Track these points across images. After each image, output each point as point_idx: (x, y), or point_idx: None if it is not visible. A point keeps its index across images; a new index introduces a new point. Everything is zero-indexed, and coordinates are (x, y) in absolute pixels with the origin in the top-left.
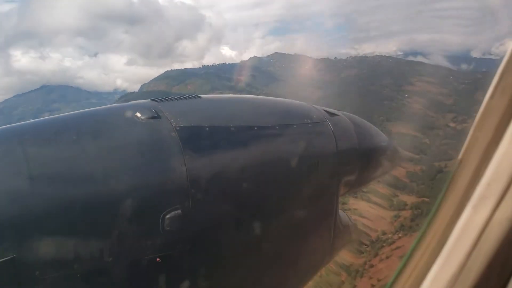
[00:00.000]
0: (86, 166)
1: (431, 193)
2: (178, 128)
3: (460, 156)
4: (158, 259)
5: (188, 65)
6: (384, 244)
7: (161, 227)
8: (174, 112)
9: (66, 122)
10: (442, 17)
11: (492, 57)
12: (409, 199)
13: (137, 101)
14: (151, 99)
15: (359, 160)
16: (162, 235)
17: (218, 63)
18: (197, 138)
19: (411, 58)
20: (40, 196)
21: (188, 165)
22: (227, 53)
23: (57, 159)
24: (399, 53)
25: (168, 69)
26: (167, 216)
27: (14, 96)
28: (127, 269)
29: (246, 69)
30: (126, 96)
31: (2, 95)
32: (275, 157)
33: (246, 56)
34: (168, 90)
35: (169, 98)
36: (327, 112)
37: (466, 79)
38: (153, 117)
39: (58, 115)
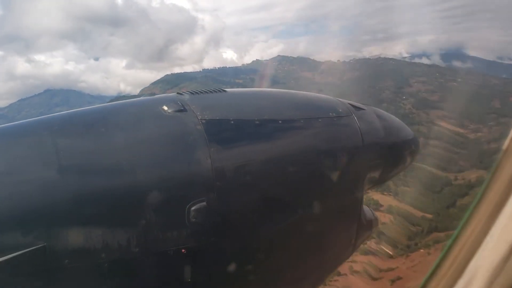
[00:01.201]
0: (114, 158)
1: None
2: (203, 121)
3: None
4: (183, 250)
5: (189, 68)
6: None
7: (187, 218)
8: (199, 105)
9: (94, 114)
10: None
11: None
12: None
13: (164, 95)
14: (178, 93)
15: (385, 155)
16: (187, 226)
17: (219, 67)
18: (222, 131)
19: (416, 60)
20: (70, 187)
21: (213, 157)
22: (229, 56)
23: (86, 150)
24: (406, 55)
25: (169, 72)
26: (193, 208)
27: (18, 101)
28: (153, 260)
29: (246, 72)
30: (119, 99)
31: (7, 100)
32: (299, 150)
33: (248, 59)
34: (162, 94)
35: (195, 91)
36: (353, 106)
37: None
38: (179, 110)
39: (87, 107)
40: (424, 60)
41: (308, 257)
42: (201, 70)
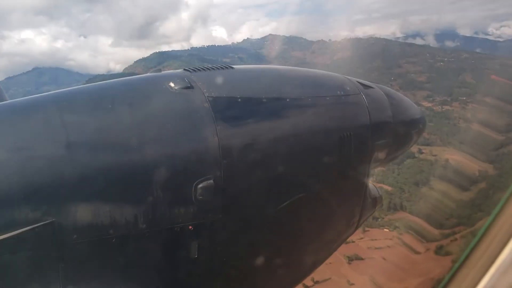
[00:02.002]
0: (121, 135)
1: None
2: (210, 98)
3: None
4: (190, 227)
5: (177, 46)
6: None
7: (194, 196)
8: (206, 82)
9: (101, 90)
10: None
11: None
12: None
13: (171, 71)
14: (184, 69)
15: (392, 133)
16: (194, 203)
17: (207, 45)
18: (229, 109)
19: (410, 40)
20: (77, 163)
21: (220, 135)
22: (219, 35)
23: (93, 126)
24: (400, 35)
25: (157, 50)
26: (200, 185)
27: (5, 79)
28: (160, 236)
29: (235, 51)
30: (95, 78)
31: None
32: (307, 128)
33: (239, 38)
34: (144, 73)
35: (202, 68)
36: (361, 84)
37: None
38: (186, 87)
39: (94, 83)
40: (418, 40)
41: (314, 234)
42: (189, 48)
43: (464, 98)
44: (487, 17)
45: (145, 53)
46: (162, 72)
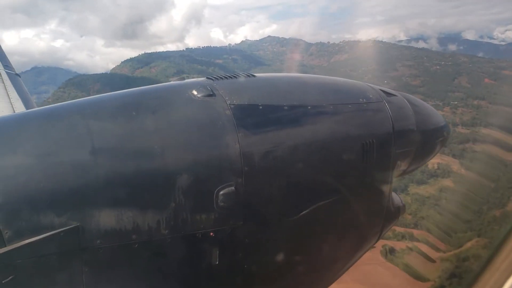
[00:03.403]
0: (145, 142)
1: None
2: (232, 106)
3: None
4: (211, 233)
5: (172, 47)
6: None
7: (215, 202)
8: (228, 90)
9: (125, 98)
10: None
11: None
12: None
13: (194, 79)
14: (207, 77)
15: (416, 142)
16: (216, 210)
17: (203, 46)
18: (250, 116)
19: (413, 43)
20: (101, 169)
21: (241, 142)
22: (217, 36)
23: (118, 133)
24: (404, 38)
25: (150, 51)
26: (221, 192)
27: None
28: (182, 242)
29: (230, 52)
30: (78, 77)
31: None
32: (329, 136)
33: (238, 39)
34: (131, 73)
35: (224, 76)
36: (384, 92)
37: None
38: (208, 95)
39: (119, 91)
40: (421, 44)
41: (336, 242)
42: (184, 49)
43: (456, 102)
44: (492, 21)
45: (140, 53)
46: (185, 80)
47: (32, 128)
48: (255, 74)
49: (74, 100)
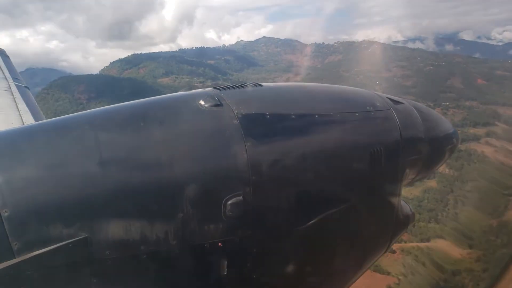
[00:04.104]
0: (153, 152)
1: None
2: (240, 115)
3: None
4: (220, 244)
5: (165, 47)
6: None
7: (223, 212)
8: (236, 100)
9: (133, 109)
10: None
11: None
12: None
13: (201, 90)
14: (214, 87)
15: (425, 149)
16: (224, 220)
17: (196, 47)
18: (258, 126)
19: (410, 44)
20: (110, 180)
21: (249, 152)
22: (211, 36)
23: (126, 144)
24: (402, 39)
25: (142, 52)
26: (229, 202)
27: None
28: (190, 253)
29: (223, 53)
30: (62, 78)
31: None
32: (336, 145)
33: (232, 40)
34: (119, 74)
35: (231, 86)
36: (391, 99)
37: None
38: (216, 105)
39: (126, 102)
40: (418, 44)
41: (345, 252)
42: (177, 49)
43: (447, 103)
44: (491, 21)
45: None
46: (193, 90)
47: (41, 140)
48: (262, 84)
49: (83, 112)
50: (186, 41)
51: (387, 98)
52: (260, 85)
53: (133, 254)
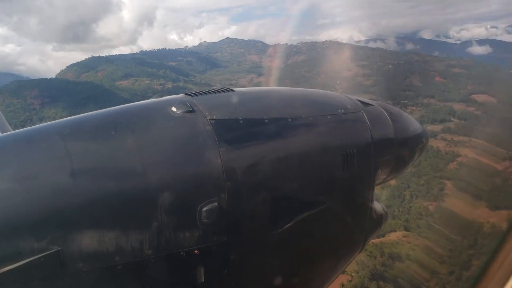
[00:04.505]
0: (125, 161)
1: None
2: (212, 121)
3: None
4: (196, 251)
5: (126, 49)
6: None
7: (198, 219)
8: (208, 105)
9: (104, 117)
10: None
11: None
12: None
13: (173, 96)
14: (186, 94)
15: (395, 150)
16: (199, 227)
17: (158, 48)
18: (231, 131)
19: (371, 43)
20: (81, 190)
21: (223, 157)
22: (174, 38)
23: (98, 154)
24: (363, 38)
25: (100, 54)
26: (204, 208)
27: None
28: (166, 261)
29: (185, 54)
30: (14, 83)
31: None
32: (310, 148)
33: (196, 41)
34: (76, 78)
35: (203, 92)
36: (361, 102)
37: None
38: (188, 111)
39: (96, 111)
40: (379, 44)
41: (320, 254)
42: (138, 51)
43: (406, 101)
44: (448, 20)
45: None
46: (164, 97)
47: (9, 152)
48: (234, 89)
49: (52, 121)
50: (147, 43)
51: (358, 100)
52: (232, 90)
53: (108, 266)
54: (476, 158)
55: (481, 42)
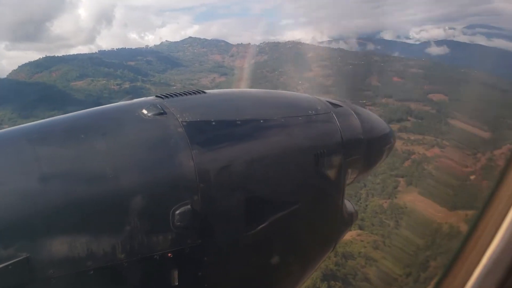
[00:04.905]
0: (95, 164)
1: None
2: (184, 123)
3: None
4: (170, 254)
5: (84, 49)
6: None
7: (172, 222)
8: (179, 107)
9: (73, 121)
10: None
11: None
12: None
13: (143, 99)
14: (156, 96)
15: (364, 149)
16: (172, 230)
17: (118, 48)
18: (203, 133)
19: (334, 44)
20: (51, 195)
21: (196, 159)
22: (135, 37)
23: (66, 158)
24: (327, 39)
25: (55, 54)
26: (177, 211)
27: None
28: (139, 266)
29: (145, 54)
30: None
31: None
32: (281, 149)
33: (158, 41)
34: (28, 78)
35: (174, 94)
36: (331, 103)
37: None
38: (159, 114)
39: (66, 114)
40: (342, 44)
41: (294, 253)
42: (97, 51)
43: (365, 101)
44: (409, 21)
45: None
46: (134, 100)
47: None
48: (205, 91)
49: (19, 126)
50: (107, 43)
51: (327, 101)
52: (204, 92)
53: (79, 271)
54: (429, 156)
55: (439, 42)
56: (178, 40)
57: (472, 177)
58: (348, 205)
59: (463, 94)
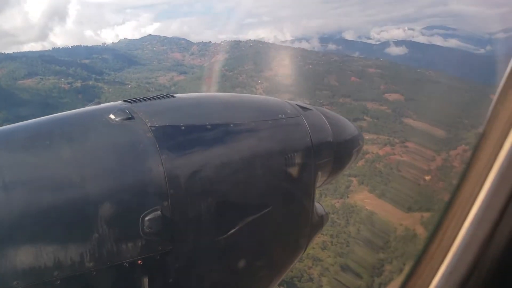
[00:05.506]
0: (61, 171)
1: None
2: (153, 128)
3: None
4: (140, 261)
5: (37, 46)
6: None
7: (141, 229)
8: (148, 112)
9: (38, 127)
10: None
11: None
12: None
13: (110, 103)
14: (124, 100)
15: (334, 152)
16: (142, 237)
17: (73, 45)
18: (173, 138)
19: (296, 43)
20: (14, 204)
21: (165, 165)
22: (92, 35)
23: (31, 164)
24: (289, 38)
25: (9, 51)
26: (147, 217)
27: None
28: (109, 274)
29: (100, 51)
30: None
31: None
32: (251, 153)
33: (116, 38)
34: None
35: (142, 98)
36: (301, 106)
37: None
38: (127, 118)
39: (30, 120)
40: (304, 44)
41: (266, 257)
42: (51, 49)
43: (322, 101)
44: (369, 22)
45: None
46: (101, 104)
47: None
48: (174, 95)
49: None
50: (62, 40)
51: (297, 105)
52: (173, 96)
53: (46, 281)
54: (381, 154)
55: (398, 43)
56: (137, 38)
57: (427, 177)
58: (319, 207)
59: (418, 93)
